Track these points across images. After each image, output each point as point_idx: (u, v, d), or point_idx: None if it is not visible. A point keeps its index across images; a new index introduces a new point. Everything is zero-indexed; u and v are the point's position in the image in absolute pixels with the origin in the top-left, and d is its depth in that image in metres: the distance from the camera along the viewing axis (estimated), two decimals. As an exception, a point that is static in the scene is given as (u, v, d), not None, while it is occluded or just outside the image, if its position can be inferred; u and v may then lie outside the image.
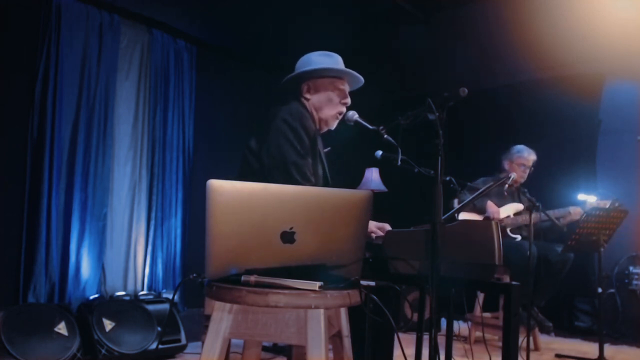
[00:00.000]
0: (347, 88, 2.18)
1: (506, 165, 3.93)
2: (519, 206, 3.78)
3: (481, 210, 3.75)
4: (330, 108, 2.13)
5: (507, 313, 1.68)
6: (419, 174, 2.18)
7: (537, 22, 4.74)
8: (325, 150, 2.19)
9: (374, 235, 2.02)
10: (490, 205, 3.73)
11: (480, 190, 2.44)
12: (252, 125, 2.15)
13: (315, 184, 2.03)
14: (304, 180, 1.94)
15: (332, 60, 2.16)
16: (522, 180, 3.91)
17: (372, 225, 2.03)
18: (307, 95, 2.14)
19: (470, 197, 2.51)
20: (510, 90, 5.14)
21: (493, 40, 5.04)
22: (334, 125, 2.19)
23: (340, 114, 2.15)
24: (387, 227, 2.05)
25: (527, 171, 3.89)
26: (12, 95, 3.40)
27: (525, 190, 3.83)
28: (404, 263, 1.82)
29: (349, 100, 2.17)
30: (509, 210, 3.77)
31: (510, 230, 3.74)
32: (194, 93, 4.45)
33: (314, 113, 2.15)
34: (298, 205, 1.41)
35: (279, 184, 1.47)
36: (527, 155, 3.88)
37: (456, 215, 2.27)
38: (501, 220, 3.72)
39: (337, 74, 2.14)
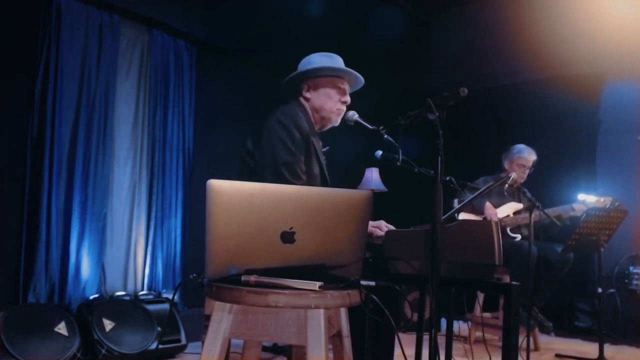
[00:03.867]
0: (347, 88, 2.19)
1: (506, 165, 3.93)
2: (518, 205, 3.77)
3: (479, 211, 3.75)
4: (330, 105, 2.15)
5: (507, 313, 1.68)
6: (419, 174, 2.18)
7: (537, 22, 4.74)
8: (324, 149, 2.20)
9: (373, 235, 2.02)
10: (489, 207, 3.73)
11: (480, 190, 2.44)
12: (252, 126, 2.16)
13: (312, 183, 2.04)
14: (294, 179, 1.95)
15: (332, 60, 2.18)
16: (522, 181, 3.90)
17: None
18: (307, 95, 2.16)
19: (470, 197, 2.51)
20: (510, 90, 5.14)
21: (493, 40, 5.04)
22: (337, 121, 2.19)
23: (340, 110, 2.17)
24: (383, 224, 2.05)
25: (527, 171, 3.89)
26: (12, 95, 3.40)
27: (525, 190, 3.83)
28: (404, 263, 1.82)
29: (348, 99, 2.18)
30: (508, 209, 3.77)
31: (510, 230, 3.74)
32: (194, 93, 4.44)
33: (314, 112, 2.16)
34: (298, 205, 1.41)
35: (279, 184, 1.47)
36: (527, 156, 3.87)
37: (456, 215, 2.27)
38: (501, 220, 3.71)
39: (335, 73, 2.16)
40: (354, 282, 1.44)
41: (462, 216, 3.66)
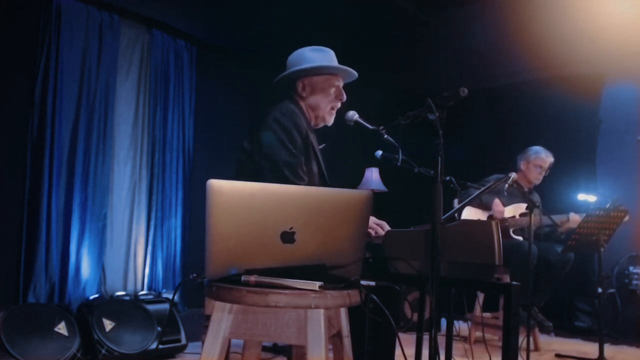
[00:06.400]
0: (341, 84, 2.18)
1: (522, 165, 3.90)
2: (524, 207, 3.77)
3: (487, 207, 3.75)
4: (326, 104, 2.14)
5: (507, 313, 1.68)
6: (419, 174, 2.18)
7: (537, 22, 4.74)
8: (320, 147, 2.19)
9: (372, 232, 2.02)
10: (497, 203, 3.72)
11: (481, 190, 2.44)
12: (251, 126, 2.15)
13: (311, 182, 2.03)
14: (296, 179, 1.94)
15: (326, 56, 2.15)
16: (537, 182, 3.89)
17: (371, 221, 2.03)
18: (303, 94, 2.14)
19: (472, 196, 2.51)
20: (510, 90, 5.14)
21: (493, 40, 5.04)
22: (330, 120, 2.19)
23: (335, 107, 2.16)
24: (385, 225, 2.05)
25: (543, 173, 3.87)
26: (12, 95, 3.40)
27: (533, 191, 3.83)
28: (404, 263, 1.82)
29: (344, 96, 2.17)
30: (514, 210, 3.76)
31: (513, 232, 3.73)
32: (194, 93, 4.44)
33: (310, 111, 2.15)
34: (298, 205, 1.41)
35: (279, 184, 1.47)
36: (544, 157, 3.86)
37: (457, 215, 2.27)
38: (505, 220, 3.71)
39: (332, 71, 2.14)
40: (354, 282, 1.44)
41: (469, 211, 3.66)
